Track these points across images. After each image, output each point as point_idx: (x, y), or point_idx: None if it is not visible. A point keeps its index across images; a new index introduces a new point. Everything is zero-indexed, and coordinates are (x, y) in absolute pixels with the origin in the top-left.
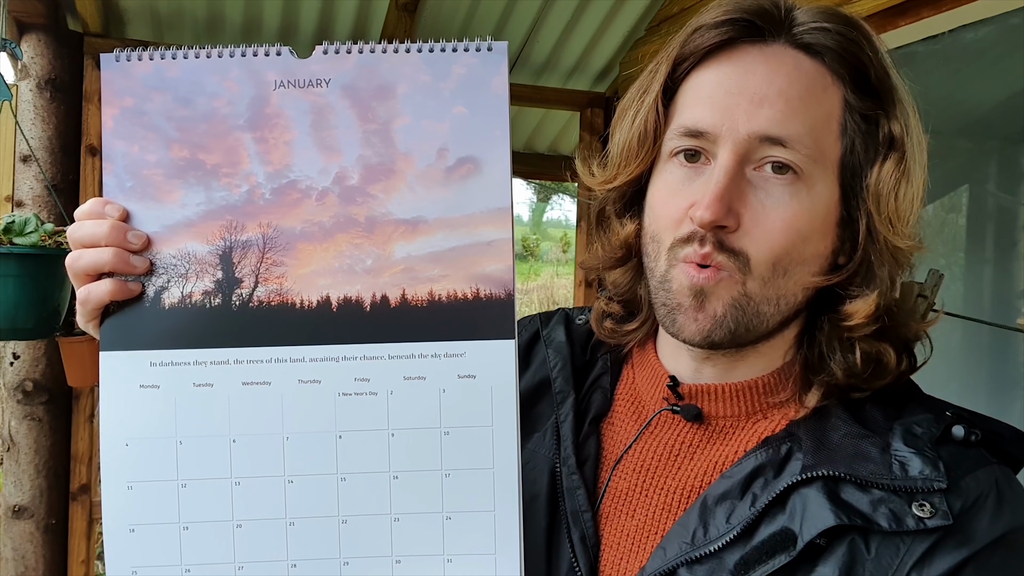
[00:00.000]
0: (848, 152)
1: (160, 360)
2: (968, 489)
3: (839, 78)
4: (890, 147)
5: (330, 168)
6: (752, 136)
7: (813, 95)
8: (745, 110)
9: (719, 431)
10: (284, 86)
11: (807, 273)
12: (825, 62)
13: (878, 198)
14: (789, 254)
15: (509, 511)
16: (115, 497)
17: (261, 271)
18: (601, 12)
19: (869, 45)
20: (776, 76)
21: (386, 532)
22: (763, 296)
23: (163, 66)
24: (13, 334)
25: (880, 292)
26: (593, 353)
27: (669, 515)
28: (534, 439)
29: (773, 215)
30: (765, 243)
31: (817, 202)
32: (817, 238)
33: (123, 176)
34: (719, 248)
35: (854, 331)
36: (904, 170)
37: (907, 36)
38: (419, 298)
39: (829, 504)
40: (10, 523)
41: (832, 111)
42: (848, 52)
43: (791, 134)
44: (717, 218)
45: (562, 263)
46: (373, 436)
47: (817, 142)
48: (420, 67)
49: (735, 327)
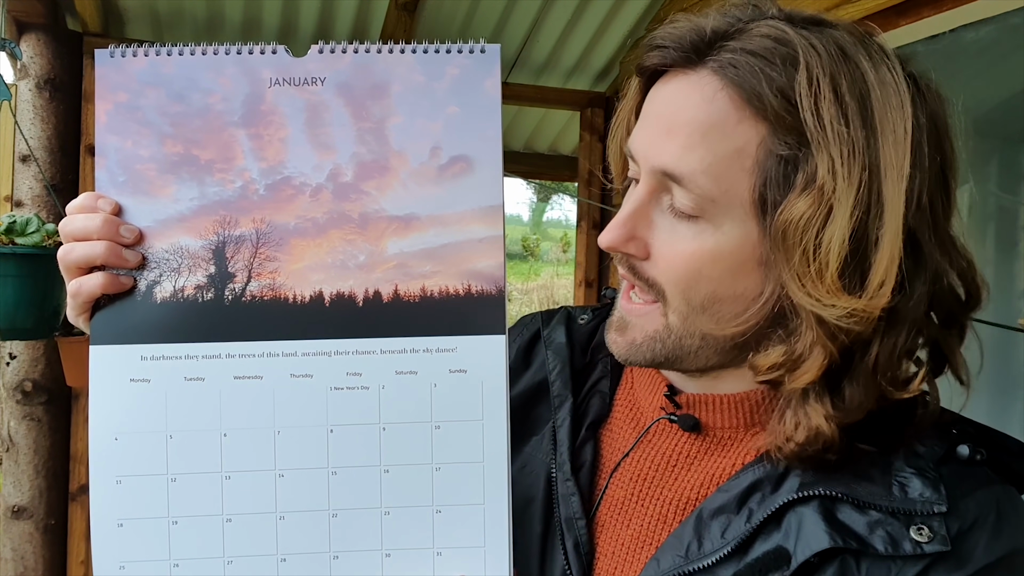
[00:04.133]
0: (763, 190)
1: (151, 354)
2: (967, 511)
3: (756, 111)
4: (806, 188)
5: (324, 165)
6: (655, 170)
7: (721, 129)
8: (655, 141)
9: (717, 442)
10: (279, 84)
11: (733, 313)
12: (742, 94)
13: (783, 238)
14: (699, 291)
15: (498, 504)
16: (103, 491)
17: (254, 266)
18: (601, 12)
19: (806, 75)
20: (687, 106)
21: (376, 526)
22: (684, 331)
23: (158, 62)
24: (12, 334)
25: (787, 349)
26: (594, 355)
27: (664, 526)
28: (532, 442)
29: (675, 251)
30: (671, 278)
31: (723, 242)
32: (730, 278)
33: (116, 171)
34: (633, 274)
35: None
36: (827, 214)
37: (907, 36)
38: (411, 294)
39: (824, 525)
40: (9, 523)
41: (745, 147)
42: (769, 85)
43: (686, 172)
44: (612, 244)
45: (562, 263)
46: (364, 430)
47: (717, 180)
48: (414, 67)
49: (652, 356)
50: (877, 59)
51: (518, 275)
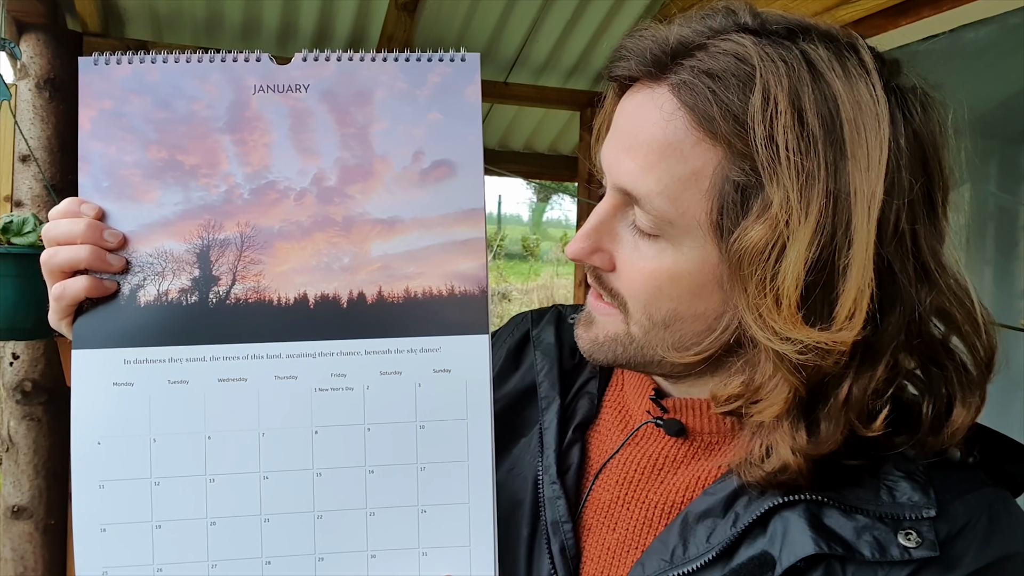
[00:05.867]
0: (719, 215)
1: (134, 358)
2: (956, 515)
3: (711, 135)
4: (762, 215)
5: (308, 170)
6: (616, 187)
7: (679, 150)
8: (616, 157)
9: (704, 446)
10: (263, 90)
11: (694, 332)
12: (695, 117)
13: (739, 266)
14: (660, 309)
15: (483, 503)
16: (86, 497)
17: (239, 269)
18: (601, 12)
19: (761, 97)
20: (646, 125)
21: (361, 526)
22: (647, 342)
23: (142, 70)
24: (12, 334)
25: (746, 379)
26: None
27: (650, 530)
28: (521, 444)
29: (636, 267)
30: (632, 292)
31: (682, 262)
32: (690, 299)
33: (99, 176)
34: (599, 283)
35: (739, 417)
36: (778, 240)
37: (907, 36)
38: (395, 295)
39: (810, 530)
40: (9, 523)
41: (702, 169)
42: (721, 108)
43: (643, 192)
44: (577, 255)
45: (562, 263)
46: (349, 431)
47: (674, 201)
48: (397, 75)
49: (613, 357)
50: (855, 75)
51: (518, 275)
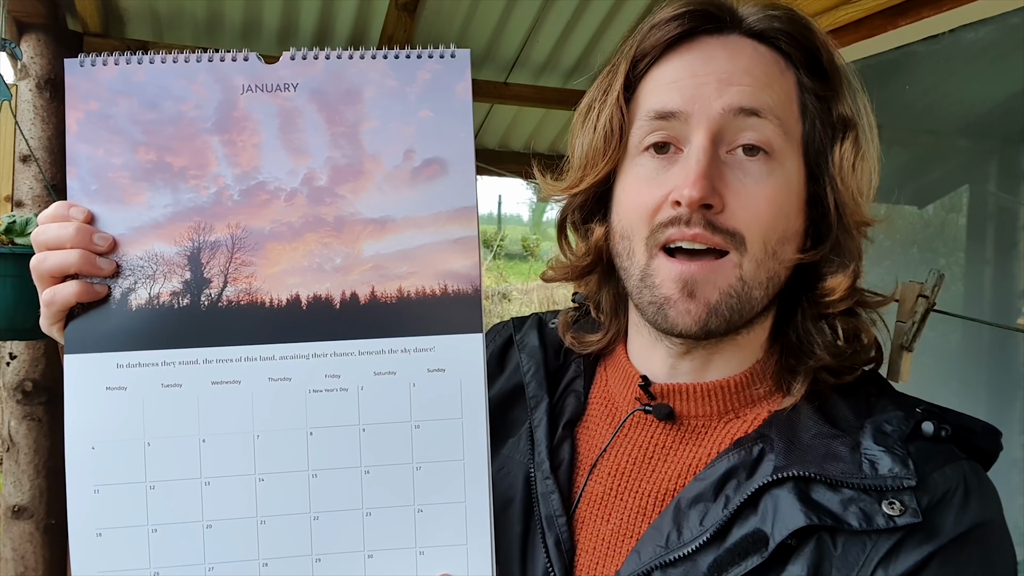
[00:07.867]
0: (809, 132)
1: (127, 362)
2: (936, 485)
3: (792, 62)
4: (846, 127)
5: (299, 170)
6: (726, 110)
7: (773, 76)
8: (715, 88)
9: (692, 431)
10: (252, 90)
11: (790, 251)
12: (778, 48)
13: (842, 175)
14: (776, 231)
15: (480, 501)
16: (81, 501)
17: (230, 271)
18: (601, 12)
19: (816, 32)
20: (739, 58)
21: (358, 527)
22: (755, 279)
23: (129, 71)
24: (12, 334)
25: (855, 266)
26: (567, 357)
27: (644, 518)
28: (509, 444)
29: (756, 193)
30: (754, 221)
31: (790, 179)
32: (794, 215)
33: (88, 179)
34: (712, 230)
35: (834, 307)
36: (860, 148)
37: (907, 36)
38: (388, 295)
39: (800, 504)
40: (10, 523)
41: (791, 92)
42: (799, 37)
43: (763, 105)
44: (704, 195)
45: None
46: (344, 432)
47: (784, 117)
48: (387, 72)
49: (730, 314)
50: None
51: (518, 275)
